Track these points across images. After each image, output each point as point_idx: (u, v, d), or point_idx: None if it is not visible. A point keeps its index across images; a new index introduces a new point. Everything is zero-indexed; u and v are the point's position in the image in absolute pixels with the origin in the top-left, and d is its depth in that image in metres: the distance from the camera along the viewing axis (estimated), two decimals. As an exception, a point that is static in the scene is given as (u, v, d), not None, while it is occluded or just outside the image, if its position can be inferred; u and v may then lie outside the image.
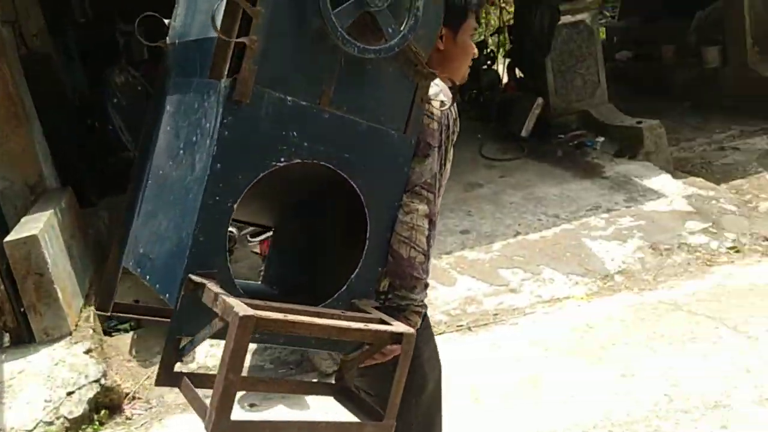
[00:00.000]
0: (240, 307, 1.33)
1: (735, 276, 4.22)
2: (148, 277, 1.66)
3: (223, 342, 1.35)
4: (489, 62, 8.85)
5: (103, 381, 3.55)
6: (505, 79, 8.57)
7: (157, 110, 1.79)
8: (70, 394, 3.41)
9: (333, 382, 1.78)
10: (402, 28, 1.54)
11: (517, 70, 8.12)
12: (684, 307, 3.86)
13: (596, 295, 4.25)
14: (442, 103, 1.76)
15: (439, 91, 1.78)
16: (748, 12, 6.81)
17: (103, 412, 3.48)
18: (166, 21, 1.77)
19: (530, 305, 4.19)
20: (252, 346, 2.56)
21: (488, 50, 8.87)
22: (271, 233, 2.49)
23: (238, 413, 1.77)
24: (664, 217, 5.06)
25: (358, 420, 1.59)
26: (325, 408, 2.41)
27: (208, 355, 3.87)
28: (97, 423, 3.43)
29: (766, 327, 3.50)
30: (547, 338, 3.74)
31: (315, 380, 1.79)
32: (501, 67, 8.82)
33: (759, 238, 4.79)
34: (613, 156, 6.16)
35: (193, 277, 1.45)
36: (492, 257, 4.82)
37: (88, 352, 3.69)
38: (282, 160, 1.51)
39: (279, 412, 3.29)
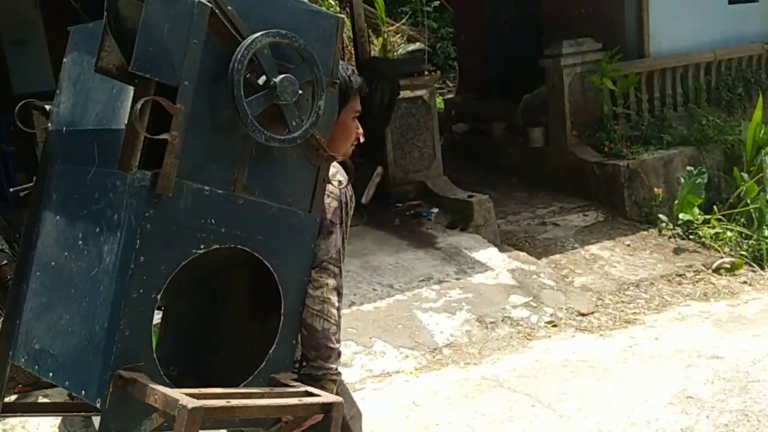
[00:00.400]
0: (185, 399, 1.35)
1: (551, 351, 4.48)
2: (51, 374, 1.62)
3: None
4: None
5: None
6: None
7: (39, 197, 1.77)
8: None
9: None
10: (304, 123, 1.67)
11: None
12: (504, 384, 4.01)
13: (425, 369, 4.32)
14: (340, 182, 1.90)
15: (336, 171, 1.91)
16: (568, 98, 7.46)
17: None
18: (47, 106, 1.80)
19: (360, 380, 4.17)
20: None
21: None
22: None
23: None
24: (490, 290, 5.30)
25: None
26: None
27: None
28: None
29: (577, 405, 3.71)
30: (374, 417, 3.70)
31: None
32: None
33: (574, 312, 5.14)
34: (446, 227, 6.40)
35: (123, 372, 1.45)
36: (325, 329, 4.77)
37: None
38: (202, 247, 1.57)
39: None
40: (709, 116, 7.94)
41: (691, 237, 6.62)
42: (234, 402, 1.44)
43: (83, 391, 1.52)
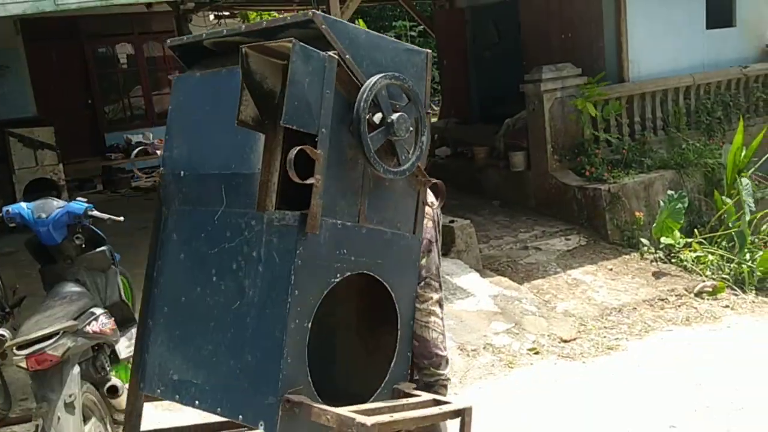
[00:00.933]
0: (360, 417, 1.50)
1: (533, 380, 4.41)
2: (197, 402, 1.74)
3: None
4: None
5: None
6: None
7: (158, 237, 1.88)
8: None
9: None
10: (411, 156, 1.83)
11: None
12: (487, 416, 3.92)
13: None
14: (432, 203, 2.04)
15: (427, 193, 2.04)
16: (548, 123, 7.48)
17: None
18: (158, 152, 1.83)
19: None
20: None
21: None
22: (41, 346, 2.76)
23: None
24: (471, 317, 5.23)
25: None
26: None
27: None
28: None
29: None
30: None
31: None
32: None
33: (556, 339, 5.09)
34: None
35: (291, 396, 1.58)
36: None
37: None
38: (338, 276, 1.71)
39: None
40: (689, 140, 7.99)
41: (672, 261, 6.61)
42: (396, 416, 1.59)
43: (240, 416, 1.65)
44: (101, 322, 3.38)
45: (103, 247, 3.84)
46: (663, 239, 6.61)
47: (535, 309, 5.47)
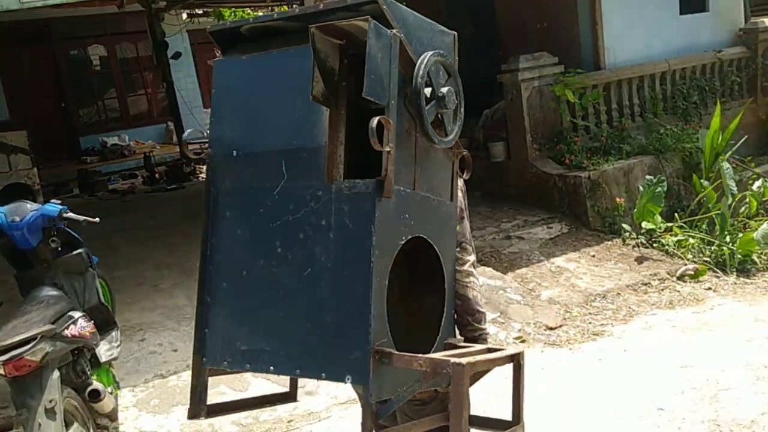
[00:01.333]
0: (454, 359, 1.64)
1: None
2: (271, 368, 1.83)
3: None
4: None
5: None
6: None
7: (209, 217, 1.95)
8: None
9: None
10: (454, 127, 1.95)
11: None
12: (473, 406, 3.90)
13: (393, 394, 4.20)
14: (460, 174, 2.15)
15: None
16: (527, 112, 7.48)
17: None
18: (205, 133, 1.86)
19: (326, 408, 4.04)
20: None
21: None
22: (18, 352, 2.72)
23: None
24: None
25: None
26: None
27: None
28: None
29: (550, 424, 3.63)
30: (342, 447, 3.59)
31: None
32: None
33: (542, 327, 5.09)
34: (411, 245, 6.31)
35: (380, 348, 1.69)
36: (289, 356, 4.63)
37: None
38: (403, 239, 1.82)
39: None
40: (666, 125, 8.03)
41: (654, 245, 6.65)
42: (478, 357, 1.72)
43: (323, 374, 1.76)
44: (80, 326, 3.31)
45: (79, 250, 3.76)
46: (644, 224, 6.64)
47: (519, 298, 5.47)
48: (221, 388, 4.27)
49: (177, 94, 12.11)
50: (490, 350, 1.91)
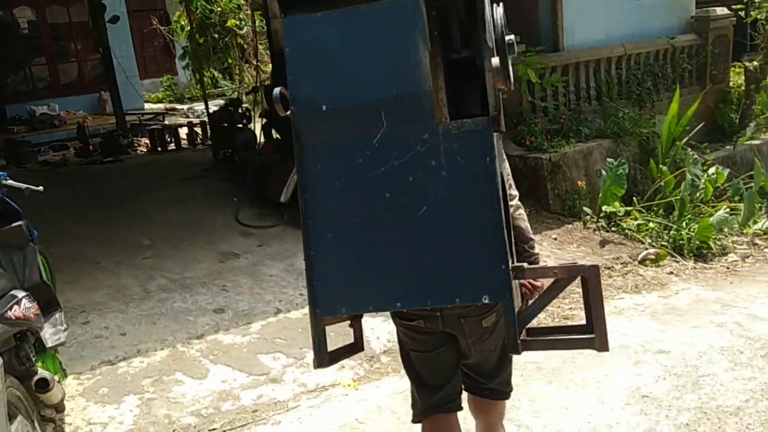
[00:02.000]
0: (585, 263, 1.88)
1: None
2: (398, 303, 1.91)
3: None
4: (245, 121, 8.47)
5: None
6: (261, 140, 8.24)
7: (301, 175, 1.96)
8: None
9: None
10: (510, 72, 1.98)
11: (273, 131, 7.84)
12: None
13: (364, 380, 3.96)
14: None
15: None
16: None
17: None
18: (277, 90, 1.93)
19: (294, 397, 3.76)
20: None
21: (244, 109, 8.49)
22: None
23: None
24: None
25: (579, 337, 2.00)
26: None
27: None
28: None
29: (533, 412, 3.48)
30: (315, 439, 3.34)
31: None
32: (257, 127, 8.47)
33: (510, 310, 4.93)
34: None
35: (512, 264, 1.82)
36: (250, 340, 4.32)
37: None
38: (498, 170, 1.91)
39: None
40: (622, 110, 8.02)
41: (614, 229, 6.61)
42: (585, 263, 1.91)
43: (457, 299, 1.85)
44: (24, 307, 2.93)
45: (19, 222, 3.38)
46: (605, 208, 6.59)
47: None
48: (177, 376, 3.94)
49: (114, 61, 11.42)
50: (563, 266, 2.03)
